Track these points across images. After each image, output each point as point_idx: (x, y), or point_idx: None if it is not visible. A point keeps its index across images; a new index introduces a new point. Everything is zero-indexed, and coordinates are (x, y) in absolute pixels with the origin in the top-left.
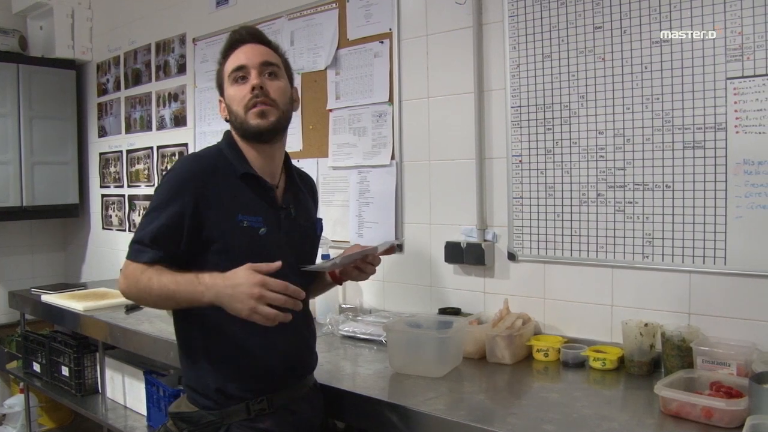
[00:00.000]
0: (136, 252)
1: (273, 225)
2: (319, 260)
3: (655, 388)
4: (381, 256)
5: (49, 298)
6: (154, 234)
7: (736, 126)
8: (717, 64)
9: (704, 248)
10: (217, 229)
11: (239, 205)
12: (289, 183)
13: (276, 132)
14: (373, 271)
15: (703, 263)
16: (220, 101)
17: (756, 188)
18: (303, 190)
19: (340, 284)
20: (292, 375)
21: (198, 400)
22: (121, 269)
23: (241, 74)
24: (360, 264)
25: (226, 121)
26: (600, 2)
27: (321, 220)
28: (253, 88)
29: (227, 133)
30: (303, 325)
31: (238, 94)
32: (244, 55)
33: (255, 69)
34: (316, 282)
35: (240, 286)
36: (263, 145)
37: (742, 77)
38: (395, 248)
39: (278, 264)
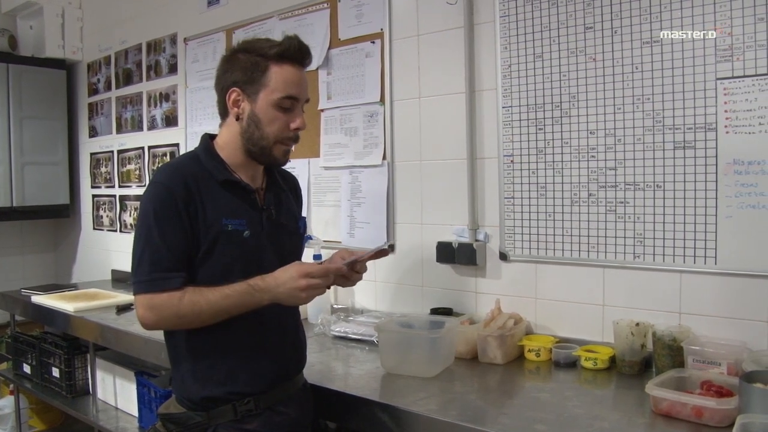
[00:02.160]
0: (160, 281)
1: (256, 227)
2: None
3: (647, 388)
4: (368, 261)
5: (40, 299)
6: (174, 256)
7: (726, 126)
8: (707, 65)
9: (695, 248)
10: (205, 235)
11: (223, 209)
12: (270, 183)
13: None
14: (360, 278)
15: (694, 263)
16: (234, 92)
17: (746, 188)
18: (285, 189)
19: (328, 288)
20: (280, 376)
21: (185, 402)
22: (134, 305)
23: (290, 104)
24: (345, 272)
25: (236, 119)
26: (591, 3)
27: (304, 218)
28: (297, 129)
29: (205, 139)
30: (292, 326)
31: (280, 122)
32: (300, 86)
33: (301, 106)
34: None
35: (287, 282)
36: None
37: (732, 78)
38: (381, 253)
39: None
